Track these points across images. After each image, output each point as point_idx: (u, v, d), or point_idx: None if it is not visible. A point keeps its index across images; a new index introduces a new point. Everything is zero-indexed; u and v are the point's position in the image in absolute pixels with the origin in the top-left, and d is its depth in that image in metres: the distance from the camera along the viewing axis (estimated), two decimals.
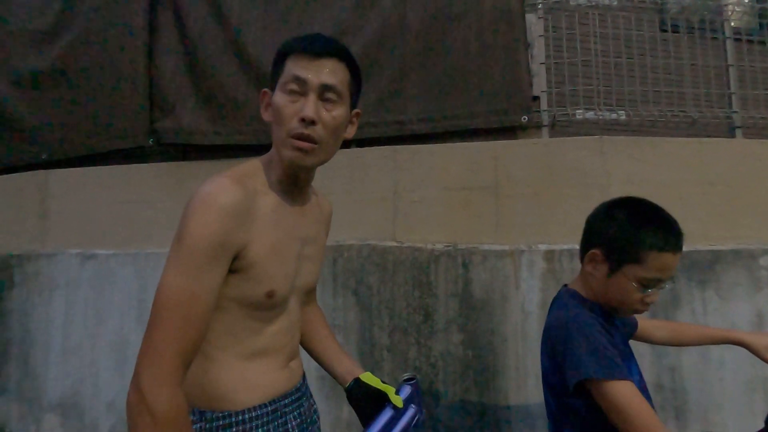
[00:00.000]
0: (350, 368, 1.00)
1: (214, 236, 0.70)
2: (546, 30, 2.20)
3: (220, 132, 2.25)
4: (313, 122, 0.77)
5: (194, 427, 0.79)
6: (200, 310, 0.70)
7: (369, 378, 0.97)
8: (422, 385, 1.83)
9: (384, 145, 2.09)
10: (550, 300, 1.10)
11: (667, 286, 0.93)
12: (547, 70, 2.17)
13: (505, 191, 1.98)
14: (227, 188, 0.73)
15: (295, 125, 0.77)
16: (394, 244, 1.96)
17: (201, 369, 0.79)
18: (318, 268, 0.97)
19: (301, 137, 0.77)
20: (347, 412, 1.86)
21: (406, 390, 0.96)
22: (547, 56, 2.19)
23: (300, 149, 0.78)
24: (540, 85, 2.16)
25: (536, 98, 2.14)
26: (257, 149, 2.23)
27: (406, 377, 0.99)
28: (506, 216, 1.96)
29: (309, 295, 1.05)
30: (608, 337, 0.91)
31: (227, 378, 0.80)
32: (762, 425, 0.91)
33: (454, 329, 1.85)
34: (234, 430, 0.79)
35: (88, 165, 2.41)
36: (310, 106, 0.77)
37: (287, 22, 2.27)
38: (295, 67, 0.78)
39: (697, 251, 1.82)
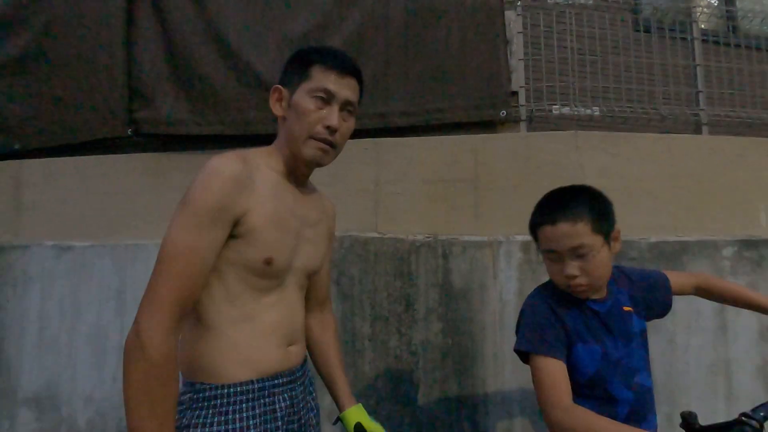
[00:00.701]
0: (342, 401, 1.09)
1: (215, 199, 0.78)
2: (524, 27, 2.26)
3: (200, 122, 2.23)
4: (335, 130, 0.90)
5: (184, 397, 0.84)
6: (199, 264, 0.77)
7: (351, 414, 1.06)
8: (403, 374, 1.87)
9: (366, 137, 2.11)
10: (527, 289, 1.17)
11: (572, 257, 0.97)
12: (525, 66, 2.23)
13: (484, 184, 2.02)
14: (230, 160, 0.82)
15: (320, 130, 0.89)
16: (376, 235, 1.99)
17: (196, 336, 0.85)
18: (319, 254, 1.01)
19: (324, 141, 0.90)
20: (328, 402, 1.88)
21: None
22: (525, 53, 2.24)
23: (321, 150, 0.90)
24: (518, 81, 2.21)
25: (514, 93, 2.20)
26: (238, 140, 2.24)
27: None
28: (485, 208, 2.01)
29: (321, 301, 1.14)
30: (554, 320, 1.00)
31: (219, 347, 0.84)
32: (724, 407, 0.96)
33: (434, 318, 1.89)
34: (219, 401, 0.82)
35: (65, 155, 2.36)
36: (335, 117, 0.89)
37: (268, 11, 2.26)
38: (325, 79, 0.89)
39: (666, 242, 1.91)
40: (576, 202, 0.98)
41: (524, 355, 1.02)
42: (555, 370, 0.95)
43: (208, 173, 0.80)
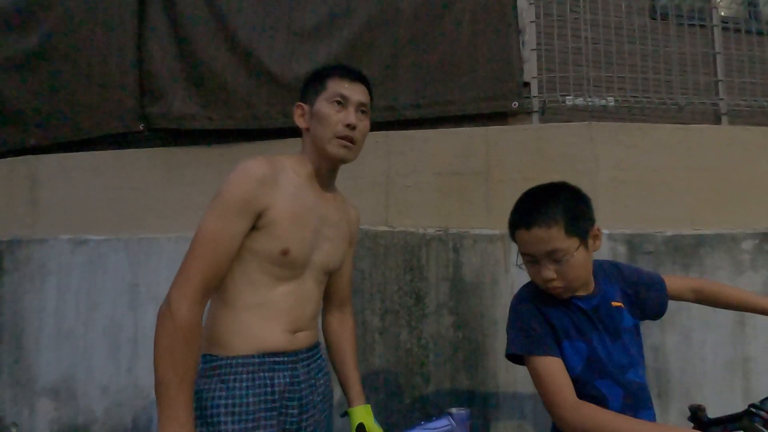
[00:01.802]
0: (351, 397, 1.18)
1: (241, 194, 0.91)
2: (537, 16, 2.21)
3: (210, 117, 2.23)
4: (354, 128, 1.02)
5: (200, 367, 0.94)
6: (223, 248, 0.90)
7: (358, 413, 1.14)
8: (413, 367, 1.86)
9: (377, 130, 2.09)
10: None
11: (547, 261, 0.96)
12: (538, 56, 2.19)
13: (495, 176, 2.00)
14: (258, 161, 0.95)
15: (341, 129, 1.02)
16: (387, 228, 1.98)
17: (215, 315, 0.97)
18: (339, 253, 1.10)
19: (345, 138, 1.02)
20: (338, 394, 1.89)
21: (442, 422, 1.00)
22: (538, 42, 2.20)
23: (344, 146, 1.03)
24: (530, 72, 2.17)
25: (527, 84, 2.16)
26: (248, 134, 2.24)
27: (452, 410, 1.02)
28: (497, 201, 1.98)
29: (341, 302, 1.23)
30: (541, 319, 1.00)
31: (231, 325, 0.95)
32: (741, 404, 0.95)
33: (445, 312, 1.88)
34: (222, 371, 0.93)
35: (79, 150, 2.39)
36: (352, 116, 1.03)
37: (278, 7, 2.26)
38: (339, 87, 1.04)
39: (682, 235, 1.87)
40: (550, 205, 0.95)
41: (517, 358, 1.02)
42: (554, 369, 0.95)
43: (238, 172, 0.93)
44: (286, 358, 0.98)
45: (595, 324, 1.01)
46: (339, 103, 1.03)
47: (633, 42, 2.23)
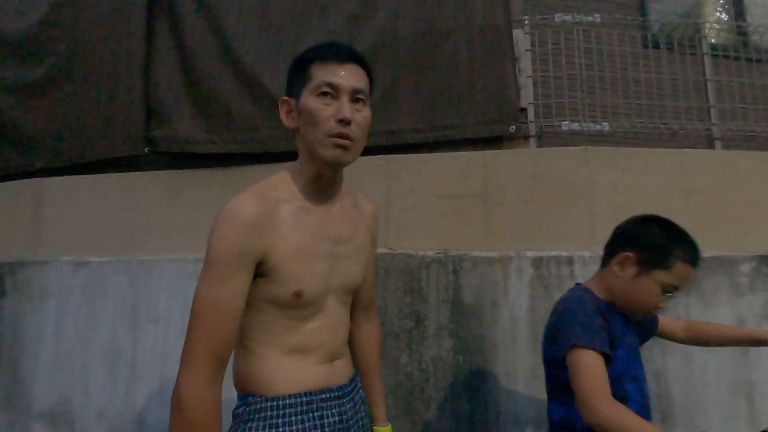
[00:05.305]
0: (376, 416, 1.12)
1: (232, 248, 0.79)
2: (532, 45, 2.29)
3: (215, 141, 2.28)
4: (349, 122, 0.85)
5: (239, 410, 0.88)
6: (226, 315, 0.79)
7: None
8: (414, 391, 1.85)
9: (377, 154, 2.13)
10: (539, 306, 1.19)
11: (675, 295, 1.07)
12: (534, 83, 2.25)
13: (494, 199, 2.03)
14: (245, 202, 0.82)
15: (333, 126, 0.84)
16: (386, 250, 2.00)
17: (245, 360, 0.89)
18: (359, 268, 0.98)
19: (340, 136, 0.84)
20: None
21: None
22: (534, 70, 2.27)
23: (340, 146, 0.85)
24: (527, 97, 2.23)
25: (523, 110, 2.21)
26: (251, 158, 2.28)
27: None
28: (495, 223, 2.00)
29: (365, 306, 1.12)
30: (602, 320, 1.03)
31: (267, 368, 0.87)
32: (746, 429, 0.98)
33: (445, 335, 1.88)
34: (268, 413, 0.84)
35: (83, 173, 2.42)
36: (346, 108, 0.85)
37: (282, 33, 2.33)
38: (325, 73, 0.86)
39: None
40: None
41: (556, 357, 1.04)
42: (600, 364, 0.97)
43: (224, 219, 0.81)
44: (333, 395, 0.90)
45: (629, 337, 1.10)
46: (328, 94, 0.85)
47: (626, 69, 2.30)
